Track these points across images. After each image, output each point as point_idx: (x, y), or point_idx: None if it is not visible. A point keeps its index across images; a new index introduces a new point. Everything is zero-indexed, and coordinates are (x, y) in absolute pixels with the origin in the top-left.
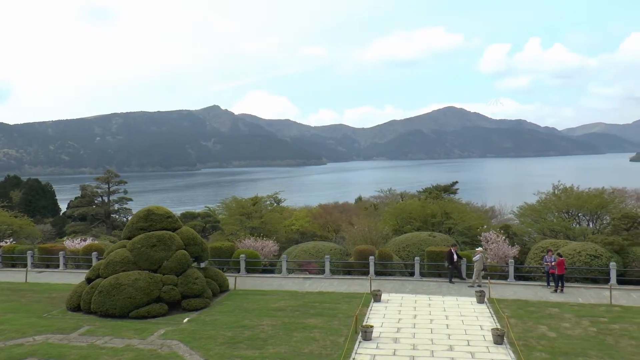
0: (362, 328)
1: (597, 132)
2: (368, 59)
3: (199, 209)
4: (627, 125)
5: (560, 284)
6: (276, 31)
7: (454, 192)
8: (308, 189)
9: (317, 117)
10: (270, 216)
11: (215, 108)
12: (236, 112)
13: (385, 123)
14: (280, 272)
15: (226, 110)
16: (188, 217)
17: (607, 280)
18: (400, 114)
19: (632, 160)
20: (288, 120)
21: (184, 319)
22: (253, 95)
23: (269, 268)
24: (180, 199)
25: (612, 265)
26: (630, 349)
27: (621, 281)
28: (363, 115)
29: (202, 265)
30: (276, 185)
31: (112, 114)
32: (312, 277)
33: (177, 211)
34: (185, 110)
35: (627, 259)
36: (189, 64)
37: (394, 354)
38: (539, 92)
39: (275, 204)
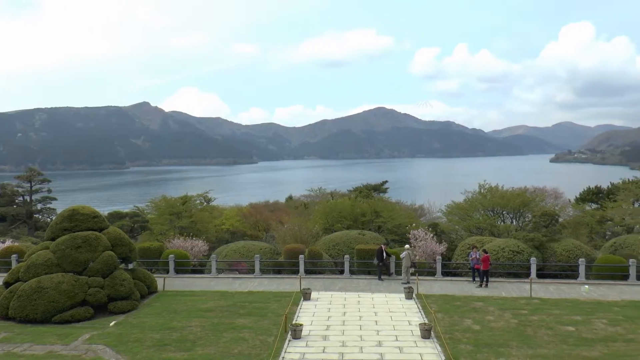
0: (291, 327)
1: (521, 134)
2: (300, 58)
3: (127, 208)
4: (548, 128)
5: (485, 279)
6: (207, 26)
7: (384, 191)
8: (239, 188)
9: (249, 115)
10: (200, 215)
11: (145, 105)
12: (166, 109)
13: (316, 122)
14: (210, 272)
15: (156, 107)
16: (116, 217)
17: (528, 275)
18: (331, 114)
19: (551, 161)
20: (219, 118)
21: (111, 322)
22: (184, 92)
23: (199, 268)
24: (108, 198)
25: (533, 260)
26: (547, 338)
27: (540, 275)
28: (294, 115)
29: (130, 266)
30: (207, 184)
31: (35, 109)
32: (242, 277)
33: (105, 211)
34: (114, 106)
35: (546, 254)
36: (117, 59)
37: (324, 352)
38: (466, 95)
39: (205, 203)
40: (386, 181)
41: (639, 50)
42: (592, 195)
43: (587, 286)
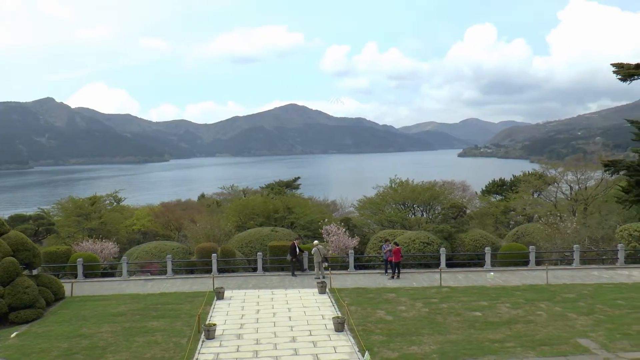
0: (205, 327)
1: (430, 130)
2: (210, 54)
3: (31, 211)
4: (455, 124)
5: (397, 271)
6: (113, 19)
7: (297, 188)
8: (150, 187)
9: (159, 111)
10: (110, 216)
11: (49, 100)
12: (73, 106)
13: (228, 119)
14: (121, 275)
15: (62, 103)
16: (18, 220)
17: (438, 265)
18: (242, 111)
19: (459, 155)
20: (129, 115)
21: (12, 333)
22: (91, 87)
23: (109, 271)
24: (10, 201)
25: (442, 250)
26: (456, 324)
27: (450, 264)
28: (205, 111)
29: (35, 272)
30: (117, 184)
31: None
32: (154, 279)
33: (5, 214)
34: (15, 102)
35: (455, 244)
36: (16, 51)
37: (238, 351)
38: (377, 92)
39: (115, 204)
40: (298, 177)
41: (535, 52)
42: (497, 187)
43: (492, 273)
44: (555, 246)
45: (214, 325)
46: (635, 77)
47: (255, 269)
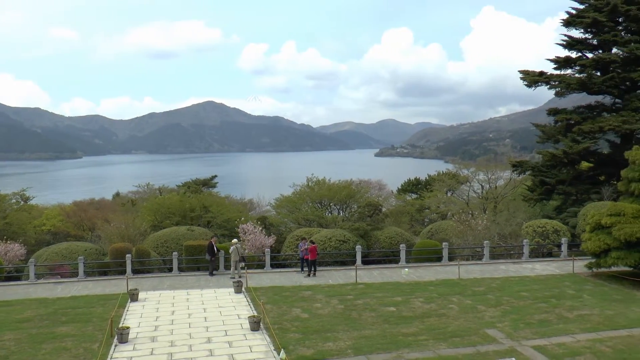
0: (117, 330)
1: (347, 130)
2: (126, 48)
3: None
4: (373, 124)
5: (313, 269)
6: (20, 6)
7: (213, 186)
8: (62, 185)
9: (71, 106)
10: (16, 216)
11: None
12: None
13: (144, 115)
14: (28, 279)
15: None
16: None
17: (354, 262)
18: (159, 107)
19: (376, 155)
20: (38, 108)
21: None
22: None
23: (15, 275)
24: None
25: (358, 248)
26: (371, 320)
27: (365, 261)
28: (121, 106)
29: None
30: (24, 181)
31: None
32: (64, 281)
33: None
34: None
35: (370, 241)
36: None
37: (152, 354)
38: (295, 92)
39: (22, 203)
40: (215, 176)
41: (450, 57)
42: (412, 186)
43: (407, 269)
44: (467, 242)
45: (128, 328)
46: (539, 83)
47: (171, 269)
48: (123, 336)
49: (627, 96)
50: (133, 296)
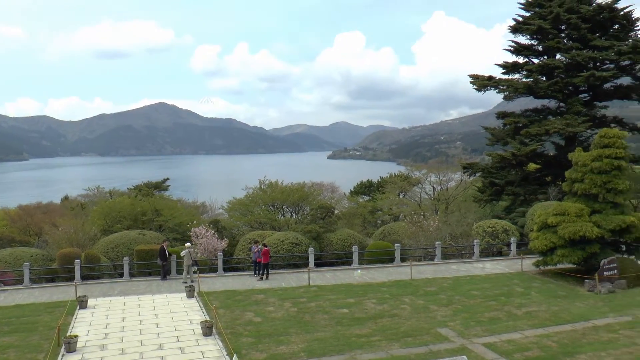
0: (65, 340)
1: (300, 132)
2: (74, 47)
3: None
4: (325, 127)
5: (265, 272)
6: None
7: (166, 189)
8: (6, 189)
9: (16, 106)
10: None
11: None
12: None
13: (94, 116)
14: None
15: None
16: None
17: (306, 265)
18: (110, 108)
19: (329, 157)
20: None
21: None
22: None
23: None
24: None
25: (311, 250)
26: (323, 322)
27: (318, 264)
28: (70, 107)
29: None
30: None
31: None
32: (8, 289)
33: None
34: None
35: (323, 244)
36: None
37: None
38: (247, 93)
39: None
40: (168, 179)
41: (401, 61)
42: (365, 188)
43: (359, 271)
44: (419, 243)
45: (76, 336)
46: (489, 87)
47: (121, 275)
48: (71, 345)
49: (570, 100)
50: (82, 303)
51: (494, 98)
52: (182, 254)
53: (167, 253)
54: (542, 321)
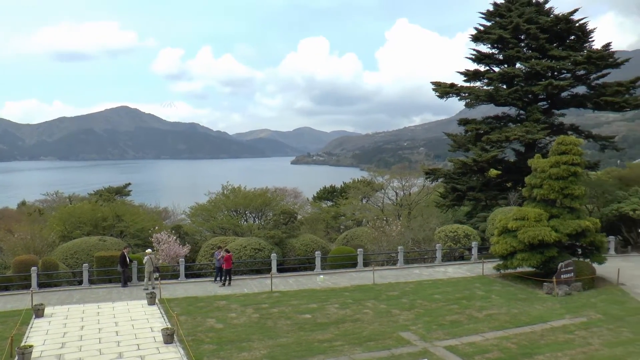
0: (19, 350)
1: (264, 137)
2: (32, 48)
3: None
4: (289, 132)
5: (228, 278)
6: None
7: (127, 194)
8: None
9: None
10: None
11: None
12: None
13: (54, 120)
14: None
15: None
16: None
17: (269, 270)
18: (70, 111)
19: (292, 163)
20: None
21: None
22: None
23: None
24: None
25: (273, 256)
26: (286, 328)
27: (281, 269)
28: (28, 110)
29: None
30: None
31: None
32: None
33: None
34: None
35: (286, 249)
36: None
37: None
38: (211, 98)
39: None
40: (129, 184)
41: (365, 67)
42: (328, 193)
43: (322, 276)
44: (382, 248)
45: (31, 347)
46: (451, 95)
47: (81, 282)
48: (25, 356)
49: (530, 108)
50: (38, 312)
51: (456, 105)
52: (144, 260)
53: (128, 259)
54: (502, 323)
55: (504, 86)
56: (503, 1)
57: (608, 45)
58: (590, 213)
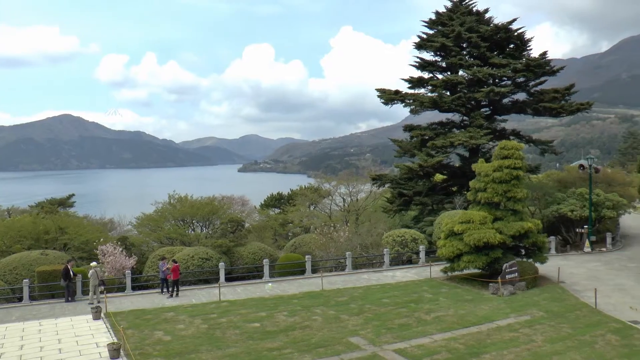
0: None
1: (210, 145)
2: None
3: None
4: (235, 140)
5: (175, 289)
6: None
7: (71, 205)
8: None
9: None
10: None
11: None
12: None
13: None
14: None
15: None
16: None
17: (217, 280)
18: (8, 120)
19: (239, 170)
20: None
21: None
22: None
23: None
24: None
25: (221, 265)
26: (235, 337)
27: (229, 278)
28: None
29: None
30: None
31: None
32: None
33: None
34: None
35: (233, 258)
36: None
37: None
38: (156, 105)
39: None
40: (73, 194)
41: (311, 74)
42: (275, 201)
43: (270, 284)
44: (330, 254)
45: None
46: (396, 101)
47: (21, 299)
48: None
49: (473, 114)
50: None
51: (402, 111)
52: (89, 274)
53: (71, 273)
54: (450, 325)
55: (448, 93)
56: (445, 10)
57: (545, 53)
58: (532, 215)
